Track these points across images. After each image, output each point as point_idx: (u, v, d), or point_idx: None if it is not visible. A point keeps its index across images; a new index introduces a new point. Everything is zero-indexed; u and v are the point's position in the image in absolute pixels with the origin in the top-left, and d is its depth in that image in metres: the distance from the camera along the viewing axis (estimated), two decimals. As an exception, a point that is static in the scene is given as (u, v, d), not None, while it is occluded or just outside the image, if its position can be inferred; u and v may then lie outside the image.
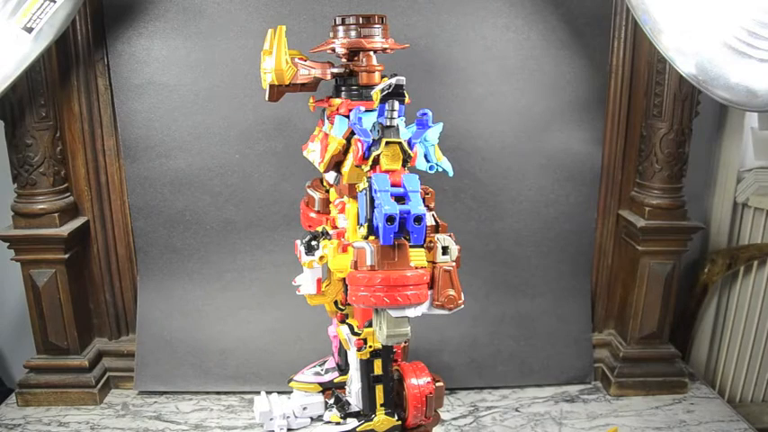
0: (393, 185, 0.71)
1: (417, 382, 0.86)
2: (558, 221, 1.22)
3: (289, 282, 0.92)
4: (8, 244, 1.11)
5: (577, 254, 1.25)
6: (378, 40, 0.82)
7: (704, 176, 1.39)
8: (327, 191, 0.92)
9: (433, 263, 0.72)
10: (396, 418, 0.89)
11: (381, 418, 0.88)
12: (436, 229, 0.76)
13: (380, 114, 0.71)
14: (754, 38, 0.84)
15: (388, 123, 0.71)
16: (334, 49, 0.84)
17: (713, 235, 1.41)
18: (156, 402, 1.17)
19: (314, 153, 0.89)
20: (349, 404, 0.95)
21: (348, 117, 0.81)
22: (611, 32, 1.15)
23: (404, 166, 0.73)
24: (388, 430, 0.89)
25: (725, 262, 1.37)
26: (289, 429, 1.08)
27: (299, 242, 0.89)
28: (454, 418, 1.13)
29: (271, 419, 1.07)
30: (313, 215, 0.94)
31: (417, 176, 0.72)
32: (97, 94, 1.14)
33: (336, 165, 0.81)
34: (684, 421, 1.13)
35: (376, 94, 0.72)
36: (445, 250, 0.73)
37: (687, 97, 1.10)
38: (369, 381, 0.88)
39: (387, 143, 0.71)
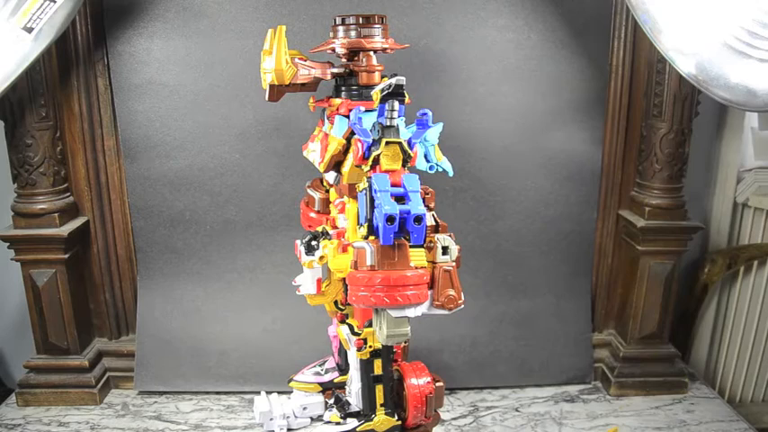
0: (393, 185, 0.71)
1: (417, 382, 0.86)
2: (558, 221, 1.22)
3: (289, 282, 0.92)
4: (8, 244, 1.11)
5: (577, 254, 1.25)
6: (378, 40, 0.82)
7: (704, 176, 1.39)
8: (327, 191, 0.92)
9: (433, 263, 0.72)
10: (396, 418, 0.89)
11: (381, 418, 0.88)
12: (436, 229, 0.76)
13: (380, 114, 0.71)
14: (754, 38, 0.84)
15: (388, 123, 0.71)
16: (334, 49, 0.84)
17: (713, 235, 1.41)
18: (156, 402, 1.17)
19: (314, 153, 0.89)
20: (349, 404, 0.95)
21: (348, 117, 0.81)
22: (611, 32, 1.15)
23: (404, 166, 0.73)
24: (388, 430, 0.89)
25: (725, 262, 1.37)
26: (289, 429, 1.08)
27: (299, 242, 0.89)
28: (454, 418, 1.13)
29: (271, 419, 1.07)
30: (313, 215, 0.94)
31: (417, 176, 0.72)
32: (97, 94, 1.14)
33: (336, 165, 0.81)
34: (684, 421, 1.13)
35: (376, 94, 0.72)
36: (445, 250, 0.73)
37: (687, 97, 1.10)
38: (369, 381, 0.88)
39: (387, 143, 0.71)
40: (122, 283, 1.24)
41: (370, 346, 0.87)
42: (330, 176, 0.87)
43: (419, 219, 0.68)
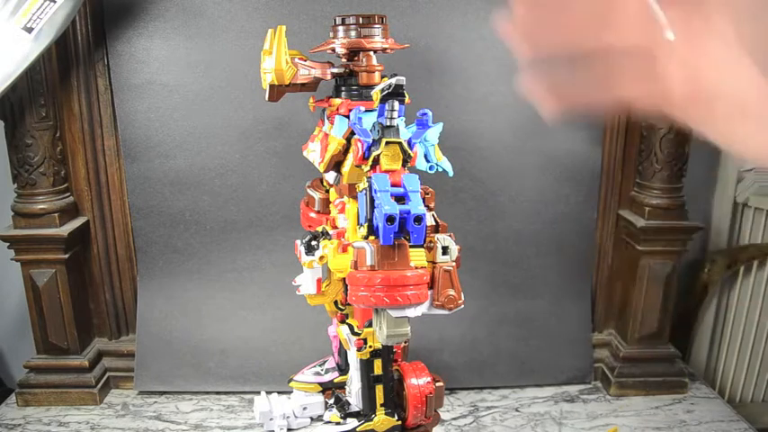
0: (393, 185, 0.71)
1: (417, 382, 0.86)
2: (558, 221, 1.22)
3: (289, 282, 0.92)
4: (8, 244, 1.11)
5: (577, 254, 1.25)
6: (378, 40, 0.82)
7: (704, 176, 1.39)
8: (327, 191, 0.92)
9: (433, 263, 0.72)
10: (396, 418, 0.89)
11: (381, 418, 0.88)
12: (436, 229, 0.76)
13: (380, 114, 0.71)
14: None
15: (388, 123, 0.71)
16: (334, 49, 0.84)
17: (713, 235, 1.41)
18: (156, 402, 1.17)
19: (314, 153, 0.89)
20: (349, 404, 0.95)
21: (348, 117, 0.81)
22: (611, 32, 1.15)
23: (404, 166, 0.73)
24: (388, 430, 0.89)
25: (725, 262, 1.37)
26: (289, 429, 1.08)
27: (299, 242, 0.89)
28: (454, 418, 1.13)
29: (271, 419, 1.07)
30: (313, 215, 0.94)
31: (417, 176, 0.72)
32: (97, 94, 1.14)
33: (336, 165, 0.81)
34: (684, 421, 1.13)
35: (376, 94, 0.72)
36: (445, 250, 0.73)
37: (687, 97, 1.10)
38: (369, 381, 0.88)
39: (387, 143, 0.71)
40: (122, 282, 1.24)
41: (370, 346, 0.87)
42: (330, 176, 0.87)
43: (419, 219, 0.68)
